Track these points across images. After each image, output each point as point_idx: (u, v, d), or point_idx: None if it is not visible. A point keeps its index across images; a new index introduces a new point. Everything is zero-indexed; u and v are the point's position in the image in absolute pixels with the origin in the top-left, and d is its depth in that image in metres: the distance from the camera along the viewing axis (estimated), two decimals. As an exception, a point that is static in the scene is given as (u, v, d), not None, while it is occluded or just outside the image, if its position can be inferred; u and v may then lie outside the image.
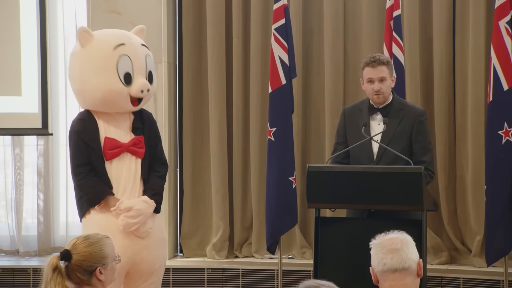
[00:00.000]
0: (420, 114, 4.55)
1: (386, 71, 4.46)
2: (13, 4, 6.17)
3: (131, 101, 4.29)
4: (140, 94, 4.27)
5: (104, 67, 4.26)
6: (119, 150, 4.24)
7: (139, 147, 4.28)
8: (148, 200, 4.25)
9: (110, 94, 4.26)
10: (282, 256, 5.51)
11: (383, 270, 2.82)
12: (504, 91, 4.85)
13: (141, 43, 4.41)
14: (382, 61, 4.44)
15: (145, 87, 4.28)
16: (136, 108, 4.34)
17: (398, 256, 2.82)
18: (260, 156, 5.97)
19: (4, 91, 6.24)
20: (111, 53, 4.27)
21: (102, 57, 4.28)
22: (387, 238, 2.89)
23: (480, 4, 5.55)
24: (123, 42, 4.32)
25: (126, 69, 4.26)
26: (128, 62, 4.27)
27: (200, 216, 6.22)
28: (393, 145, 4.42)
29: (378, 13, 5.77)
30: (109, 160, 4.23)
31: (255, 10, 6.02)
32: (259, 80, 6.00)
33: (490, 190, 4.89)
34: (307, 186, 4.29)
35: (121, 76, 4.25)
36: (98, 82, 4.26)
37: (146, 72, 4.34)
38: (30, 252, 6.42)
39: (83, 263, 2.96)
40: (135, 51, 4.32)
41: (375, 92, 4.45)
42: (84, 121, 4.30)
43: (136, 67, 4.29)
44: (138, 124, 4.34)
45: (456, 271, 5.59)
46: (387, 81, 4.46)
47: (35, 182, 6.45)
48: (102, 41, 4.32)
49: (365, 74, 4.47)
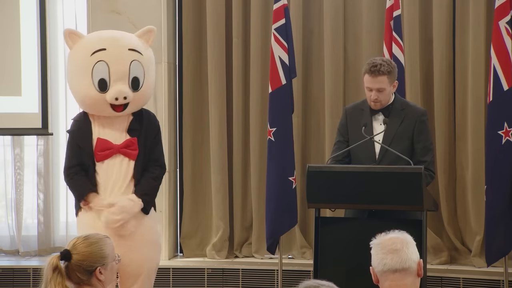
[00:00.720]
0: (422, 114, 4.55)
1: (386, 81, 4.41)
2: (13, 4, 6.17)
3: (112, 107, 4.24)
4: (114, 101, 4.20)
5: (80, 72, 4.27)
6: (111, 151, 4.22)
7: (132, 149, 4.24)
8: (134, 198, 4.20)
9: (87, 99, 4.28)
10: (282, 256, 5.51)
11: (383, 270, 2.82)
12: (504, 91, 4.85)
13: (130, 47, 4.31)
14: (382, 72, 4.38)
15: (120, 95, 4.19)
16: (125, 113, 4.29)
17: (398, 256, 2.82)
18: (260, 156, 5.97)
19: (4, 91, 6.23)
20: (87, 59, 4.25)
21: (79, 62, 4.29)
22: (387, 238, 2.88)
23: (480, 4, 5.55)
24: (103, 47, 4.26)
25: (101, 75, 4.22)
26: (105, 68, 4.22)
27: (200, 216, 6.22)
28: (395, 145, 4.42)
29: (378, 13, 5.77)
30: (100, 161, 4.22)
31: (255, 10, 6.02)
32: (259, 80, 6.00)
33: (490, 190, 4.89)
34: (307, 186, 4.29)
35: (95, 82, 4.21)
36: (77, 86, 4.31)
37: (128, 78, 4.25)
38: (30, 252, 6.42)
39: (83, 263, 2.96)
40: (116, 57, 4.25)
41: (372, 100, 4.45)
42: (79, 122, 4.32)
43: (114, 74, 4.22)
44: (135, 125, 4.31)
45: (456, 271, 5.59)
46: (386, 91, 4.43)
47: (35, 182, 6.45)
48: (83, 46, 4.31)
49: (365, 80, 4.45)
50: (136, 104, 4.32)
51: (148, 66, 4.37)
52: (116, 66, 4.23)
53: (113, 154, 4.22)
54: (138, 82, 4.30)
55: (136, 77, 4.28)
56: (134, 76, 4.28)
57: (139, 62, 4.31)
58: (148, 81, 4.37)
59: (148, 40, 4.45)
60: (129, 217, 4.17)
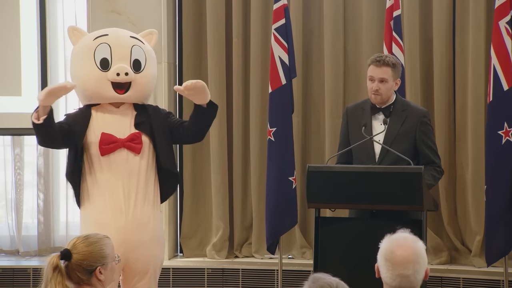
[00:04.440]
0: (424, 115, 4.54)
1: (390, 73, 4.42)
2: (13, 4, 6.17)
3: (114, 89, 4.26)
4: (116, 77, 4.22)
5: (82, 57, 4.32)
6: (115, 145, 4.21)
7: (136, 142, 4.22)
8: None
9: (89, 82, 4.28)
10: (282, 256, 5.51)
11: (390, 285, 2.82)
12: (504, 91, 4.85)
13: (131, 36, 4.39)
14: (387, 62, 4.40)
15: (121, 70, 4.22)
16: (125, 97, 4.27)
17: (408, 281, 2.79)
18: (260, 156, 5.97)
19: (4, 91, 6.23)
20: (90, 43, 4.31)
21: (83, 49, 4.33)
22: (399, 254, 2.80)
23: (480, 4, 5.55)
24: (106, 33, 4.36)
25: (103, 55, 4.27)
26: (107, 49, 4.27)
27: (200, 216, 6.22)
28: (396, 145, 4.42)
29: (378, 13, 5.77)
30: (104, 155, 4.20)
31: (255, 10, 6.02)
32: (259, 80, 6.00)
33: (490, 190, 4.89)
34: (307, 186, 4.29)
35: (97, 62, 4.26)
36: (78, 69, 4.33)
37: (130, 60, 4.29)
38: (30, 252, 6.42)
39: (84, 263, 2.96)
40: (118, 41, 4.32)
41: (373, 91, 4.44)
42: (80, 110, 4.35)
43: (116, 54, 4.27)
44: (140, 119, 4.29)
45: (456, 271, 5.59)
46: (388, 83, 4.43)
47: (35, 182, 6.45)
48: (87, 36, 4.40)
49: (368, 71, 4.46)
50: (138, 89, 4.30)
51: (149, 54, 4.41)
52: (118, 48, 4.29)
53: (118, 147, 4.21)
54: (140, 64, 4.33)
55: (138, 59, 4.32)
56: (136, 59, 4.32)
57: (140, 48, 4.36)
58: (150, 69, 4.39)
59: (150, 41, 4.49)
60: (204, 89, 4.22)
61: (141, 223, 4.23)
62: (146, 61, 4.36)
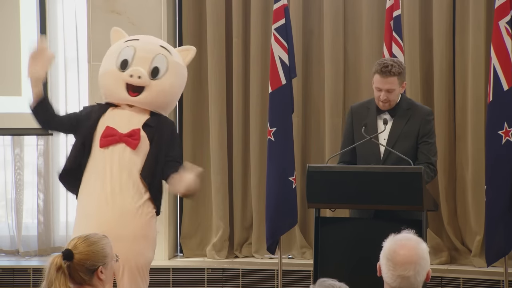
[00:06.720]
0: (427, 113, 4.55)
1: (396, 82, 4.40)
2: (13, 4, 6.17)
3: (127, 90, 4.29)
4: (129, 78, 4.26)
5: (109, 56, 4.42)
6: (113, 138, 4.22)
7: (134, 138, 4.22)
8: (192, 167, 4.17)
9: (104, 77, 4.38)
10: (282, 256, 5.51)
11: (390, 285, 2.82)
12: (504, 91, 4.86)
13: (162, 45, 4.44)
14: (393, 73, 4.38)
15: (135, 73, 4.25)
16: (136, 100, 4.29)
17: (408, 282, 2.79)
18: (260, 156, 5.97)
19: (4, 91, 6.23)
20: (120, 45, 4.41)
21: (112, 49, 4.45)
22: (401, 254, 2.80)
23: (480, 4, 5.55)
24: (137, 38, 4.44)
25: (125, 57, 4.32)
26: (131, 52, 4.33)
27: (200, 216, 6.22)
28: (400, 144, 4.43)
29: (378, 13, 5.77)
30: (103, 147, 4.23)
31: (255, 10, 6.02)
32: (259, 80, 6.00)
33: (490, 190, 4.89)
34: (307, 186, 4.29)
35: (118, 62, 4.32)
36: (101, 70, 4.43)
37: (149, 66, 4.31)
38: (30, 252, 6.42)
39: (86, 262, 2.96)
40: (144, 46, 4.38)
41: (381, 100, 4.44)
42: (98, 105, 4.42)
43: (138, 58, 4.31)
44: (150, 123, 4.30)
45: (456, 271, 5.59)
46: (395, 91, 4.43)
47: (35, 182, 6.45)
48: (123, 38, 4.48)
49: (374, 81, 4.45)
50: (152, 95, 4.30)
51: (173, 66, 4.39)
52: (141, 53, 4.34)
53: (116, 141, 4.22)
54: (158, 72, 4.34)
55: (157, 67, 4.34)
56: (156, 66, 4.34)
57: (165, 57, 4.37)
58: (169, 79, 4.37)
59: (185, 57, 4.49)
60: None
61: (125, 217, 4.16)
62: (167, 71, 4.35)
